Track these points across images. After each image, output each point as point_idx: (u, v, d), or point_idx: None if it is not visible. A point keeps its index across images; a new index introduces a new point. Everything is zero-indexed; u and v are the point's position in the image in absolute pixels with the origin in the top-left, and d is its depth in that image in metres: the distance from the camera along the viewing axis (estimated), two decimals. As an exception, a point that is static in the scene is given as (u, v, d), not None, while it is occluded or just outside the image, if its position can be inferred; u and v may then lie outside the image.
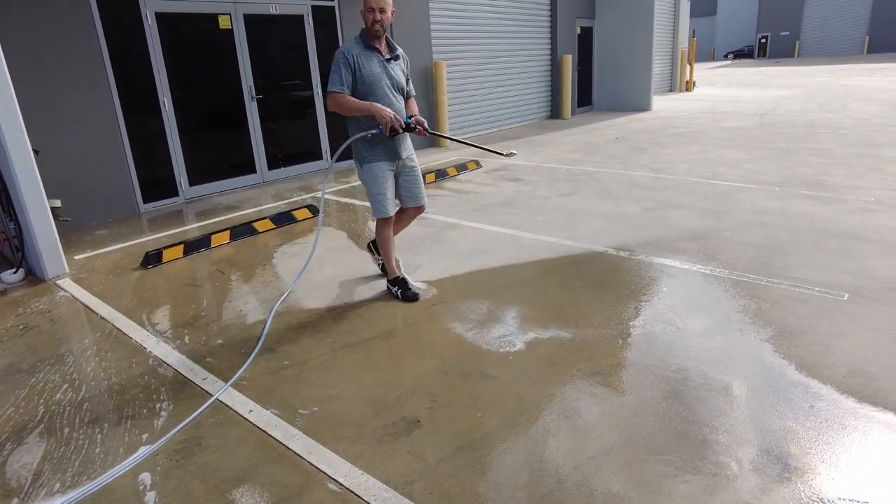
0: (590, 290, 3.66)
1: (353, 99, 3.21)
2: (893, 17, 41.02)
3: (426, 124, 3.38)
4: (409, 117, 3.35)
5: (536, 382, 2.66)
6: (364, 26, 3.25)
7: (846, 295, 3.39)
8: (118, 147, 6.03)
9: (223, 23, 6.81)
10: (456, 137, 3.89)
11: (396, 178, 3.54)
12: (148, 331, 3.44)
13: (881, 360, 2.69)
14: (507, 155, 3.74)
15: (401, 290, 3.66)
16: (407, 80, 3.47)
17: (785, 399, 2.45)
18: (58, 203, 4.91)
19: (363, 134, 3.29)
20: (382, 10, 3.16)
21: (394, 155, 3.41)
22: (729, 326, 3.10)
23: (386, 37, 3.33)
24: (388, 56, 3.31)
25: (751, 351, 2.84)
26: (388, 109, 3.17)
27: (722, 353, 2.84)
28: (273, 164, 7.63)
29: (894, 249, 4.05)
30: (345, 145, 3.45)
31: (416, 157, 3.63)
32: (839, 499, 1.91)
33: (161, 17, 6.24)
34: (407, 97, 3.51)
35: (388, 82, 3.29)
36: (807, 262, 3.92)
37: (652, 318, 3.25)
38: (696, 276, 3.79)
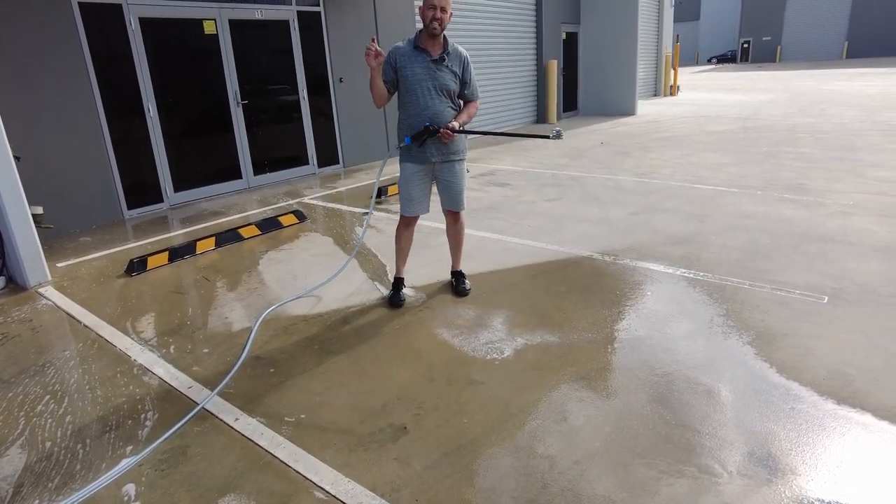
0: (575, 295, 3.69)
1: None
2: (871, 23, 41.90)
3: (455, 126, 3.28)
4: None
5: (522, 387, 2.68)
6: (423, 25, 3.26)
7: (826, 298, 3.45)
8: (102, 153, 5.98)
9: (208, 28, 6.78)
10: (494, 131, 3.83)
11: (436, 180, 3.56)
12: (132, 339, 3.41)
13: (859, 362, 2.75)
14: (554, 136, 3.29)
15: (391, 291, 3.73)
16: (465, 83, 3.41)
17: (767, 402, 2.48)
18: (40, 210, 4.85)
19: (393, 151, 3.54)
20: (444, 10, 3.17)
21: (421, 158, 3.42)
22: (712, 330, 3.14)
23: (444, 37, 3.32)
24: (435, 57, 3.29)
25: (733, 354, 2.89)
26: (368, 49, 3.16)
27: (705, 356, 2.87)
28: (259, 169, 7.60)
29: (872, 252, 4.13)
30: (385, 159, 3.76)
31: (461, 163, 3.54)
32: (818, 500, 1.94)
33: (145, 23, 6.19)
34: (466, 100, 3.48)
35: (430, 84, 3.28)
36: (788, 265, 3.99)
37: (636, 322, 3.29)
38: (679, 281, 3.83)
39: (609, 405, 2.52)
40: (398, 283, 3.76)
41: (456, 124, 3.30)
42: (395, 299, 3.67)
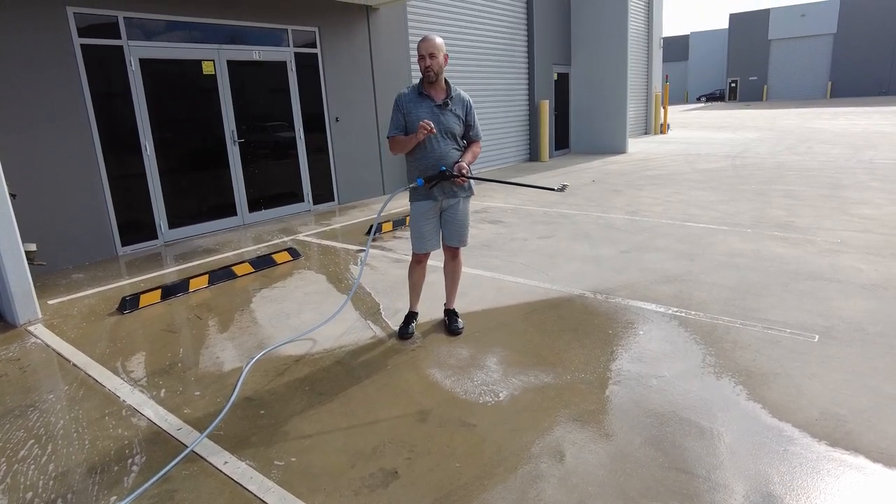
0: (568, 335, 3.69)
1: (402, 137, 3.43)
2: (853, 63, 43.38)
3: (467, 170, 3.39)
4: (454, 164, 3.42)
5: (515, 430, 2.66)
6: (421, 74, 3.40)
7: (816, 336, 3.47)
8: (97, 190, 6.02)
9: (207, 69, 6.92)
10: (502, 179, 3.92)
11: (441, 216, 3.64)
12: (122, 379, 3.38)
13: (851, 402, 2.75)
14: (559, 189, 3.53)
15: (402, 324, 3.82)
16: (468, 125, 3.53)
17: (760, 444, 2.47)
18: (33, 247, 4.86)
19: (401, 189, 3.61)
20: (433, 56, 3.30)
21: (428, 195, 3.52)
22: (704, 370, 3.15)
23: (446, 80, 3.45)
24: (439, 102, 3.41)
25: (725, 395, 2.88)
26: (423, 125, 3.22)
27: (698, 397, 2.87)
28: (254, 206, 7.65)
29: (860, 290, 4.18)
30: (389, 198, 3.71)
31: (466, 200, 3.64)
32: (814, 546, 1.92)
33: (145, 63, 6.33)
34: (469, 141, 3.59)
35: (435, 128, 3.37)
36: (778, 303, 4.02)
37: (629, 362, 3.29)
38: (671, 320, 3.85)
39: (603, 448, 2.50)
40: (410, 316, 3.85)
41: (465, 165, 3.39)
42: (403, 332, 3.76)
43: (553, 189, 3.48)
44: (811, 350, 3.31)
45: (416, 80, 10.04)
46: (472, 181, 3.61)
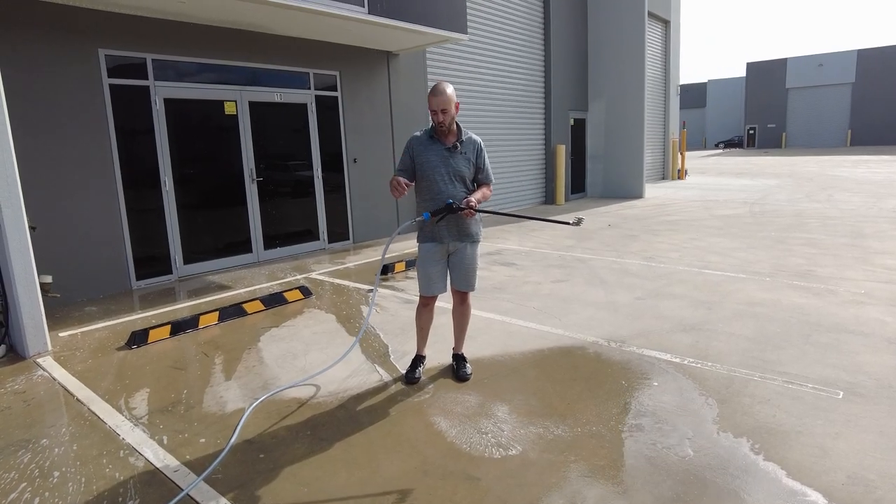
0: (580, 384, 3.58)
1: (397, 180, 3.31)
2: (872, 113, 43.37)
3: (475, 205, 3.36)
4: (463, 199, 3.38)
5: (522, 485, 2.54)
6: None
7: (841, 393, 3.32)
8: (116, 223, 6.11)
9: (228, 109, 7.10)
10: (514, 213, 3.87)
11: (449, 259, 3.60)
12: (124, 416, 3.33)
13: (880, 466, 2.59)
14: (574, 223, 3.35)
15: (409, 368, 3.75)
16: (479, 168, 3.54)
17: (781, 508, 2.33)
18: (49, 279, 4.91)
19: (407, 223, 3.57)
20: (445, 112, 3.34)
21: (435, 237, 3.50)
22: (721, 426, 3.01)
23: (458, 125, 3.49)
24: (448, 146, 3.43)
25: (744, 453, 2.74)
26: (397, 184, 3.22)
27: (715, 455, 2.73)
28: (269, 243, 7.71)
29: (887, 345, 4.01)
30: (395, 234, 3.70)
31: (473, 245, 3.58)
32: None
33: (169, 102, 6.51)
34: (480, 184, 3.59)
35: (444, 171, 3.40)
36: (799, 356, 3.87)
37: (643, 415, 3.16)
38: (687, 371, 3.72)
39: (613, 507, 2.37)
40: (417, 360, 3.79)
41: (473, 200, 3.35)
42: (409, 376, 3.70)
43: (568, 223, 3.41)
44: (835, 407, 3.16)
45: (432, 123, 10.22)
46: (480, 229, 3.58)
